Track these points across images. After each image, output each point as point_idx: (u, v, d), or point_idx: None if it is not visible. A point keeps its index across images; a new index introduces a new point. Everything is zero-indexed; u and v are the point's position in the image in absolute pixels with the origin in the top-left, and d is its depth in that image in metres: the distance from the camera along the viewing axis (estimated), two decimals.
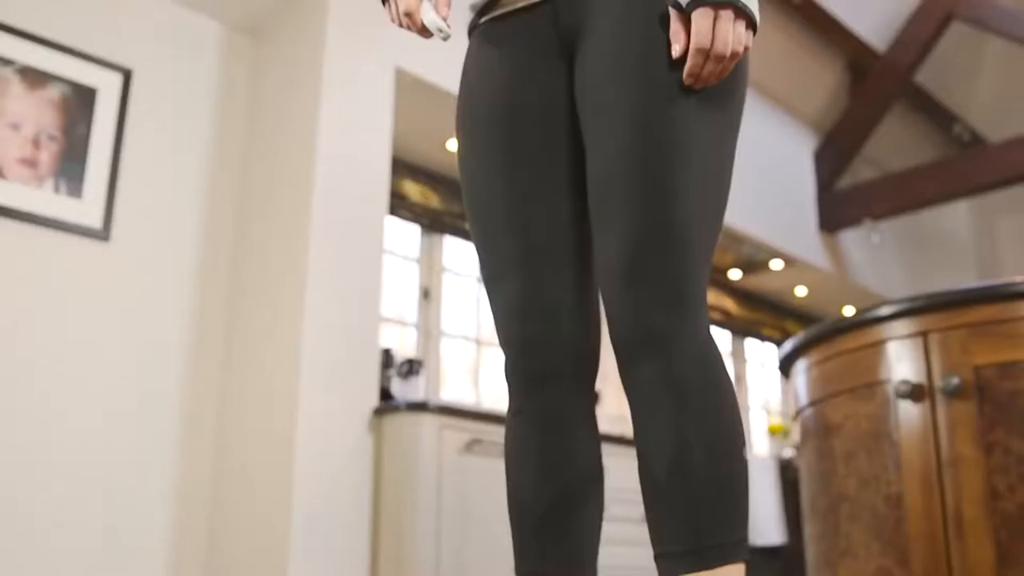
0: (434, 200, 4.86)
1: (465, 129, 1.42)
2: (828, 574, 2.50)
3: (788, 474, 4.82)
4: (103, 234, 3.48)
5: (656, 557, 1.20)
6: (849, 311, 7.12)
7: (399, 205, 4.66)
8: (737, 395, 1.24)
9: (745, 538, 1.18)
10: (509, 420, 1.40)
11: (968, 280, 7.45)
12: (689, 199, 1.23)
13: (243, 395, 3.53)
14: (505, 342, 1.38)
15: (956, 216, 8.06)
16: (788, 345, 2.77)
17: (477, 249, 1.41)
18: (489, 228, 1.37)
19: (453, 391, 4.80)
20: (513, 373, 1.37)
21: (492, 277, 1.38)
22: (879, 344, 2.43)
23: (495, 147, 1.37)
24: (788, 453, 5.09)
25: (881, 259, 7.09)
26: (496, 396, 4.96)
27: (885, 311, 2.44)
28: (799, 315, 7.19)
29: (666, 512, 1.18)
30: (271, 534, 3.25)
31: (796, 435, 4.60)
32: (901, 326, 2.40)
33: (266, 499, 3.31)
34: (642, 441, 1.21)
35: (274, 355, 3.45)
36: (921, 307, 2.37)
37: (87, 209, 3.49)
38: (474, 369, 4.93)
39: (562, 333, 1.33)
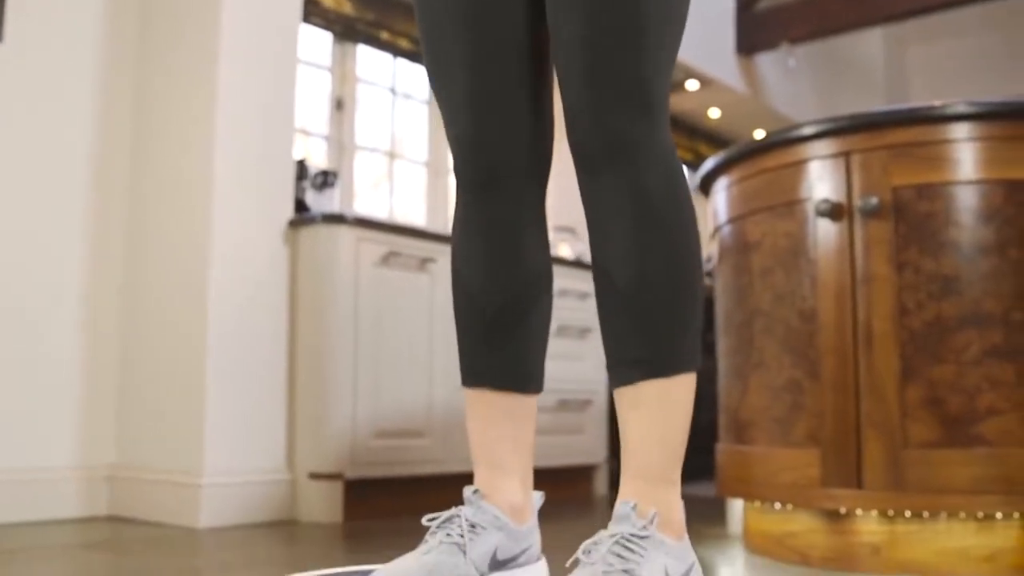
0: (347, 6, 4.67)
1: None
2: (739, 385, 2.59)
3: None
4: None
5: (610, 367, 1.20)
6: (760, 135, 7.19)
7: (311, 12, 4.47)
8: None
9: (699, 349, 1.20)
10: (458, 220, 1.38)
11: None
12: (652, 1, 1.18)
13: (155, 207, 3.42)
14: (455, 139, 1.33)
15: (870, 44, 8.09)
16: (710, 163, 2.78)
17: (424, 44, 1.34)
18: (438, 23, 1.30)
19: (366, 204, 4.74)
20: (463, 171, 1.34)
21: (441, 73, 1.32)
22: (801, 163, 2.45)
23: None
24: None
25: (795, 84, 7.11)
26: (408, 210, 4.92)
27: (809, 130, 2.45)
28: (711, 137, 7.23)
29: (624, 321, 1.18)
30: (187, 348, 3.22)
31: (710, 254, 4.68)
32: (824, 146, 2.42)
33: (181, 313, 3.26)
34: (601, 250, 1.20)
35: (186, 166, 3.33)
36: (844, 127, 2.39)
37: None
38: (387, 182, 4.86)
39: (516, 130, 1.29)
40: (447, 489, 3.59)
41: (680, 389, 1.17)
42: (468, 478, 3.59)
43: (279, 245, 3.40)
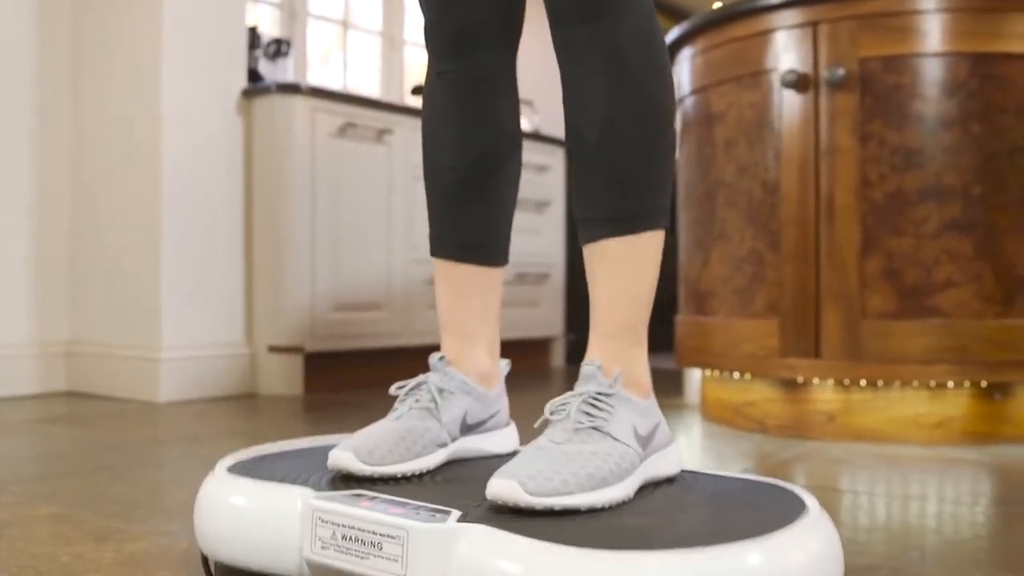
0: None
1: None
2: (701, 257, 2.60)
3: None
4: None
5: (580, 222, 1.19)
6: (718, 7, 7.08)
7: None
8: None
9: (668, 208, 1.18)
10: (428, 85, 1.34)
11: None
12: None
13: (102, 78, 3.30)
14: (427, 2, 1.30)
15: None
16: (674, 32, 2.74)
17: None
18: None
19: (318, 76, 4.62)
20: (433, 35, 1.30)
21: None
22: (768, 33, 2.42)
23: None
24: None
25: None
26: (362, 82, 4.82)
27: None
28: (669, 9, 7.12)
29: (593, 177, 1.16)
30: (140, 221, 3.16)
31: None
32: (791, 15, 2.39)
33: (133, 186, 3.19)
34: (574, 105, 1.17)
35: (133, 35, 3.21)
36: None
37: None
38: (340, 53, 4.73)
39: None
40: (405, 362, 3.61)
41: (648, 247, 1.16)
42: (426, 351, 3.62)
43: (233, 116, 3.31)
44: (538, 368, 4.39)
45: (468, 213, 1.32)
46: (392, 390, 1.27)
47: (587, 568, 0.81)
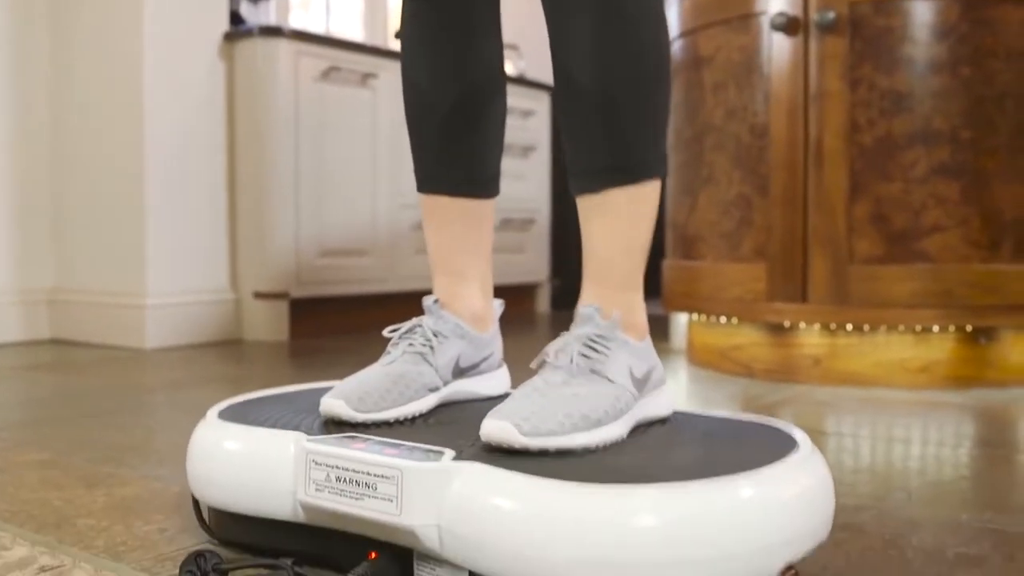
0: None
1: None
2: (688, 201, 2.59)
3: None
4: None
5: (574, 173, 1.16)
6: None
7: None
8: None
9: (665, 154, 1.16)
10: (405, 23, 1.31)
11: None
12: None
13: (83, 25, 3.24)
14: None
15: None
16: None
17: None
18: None
19: (299, 19, 4.56)
20: None
21: None
22: None
23: None
24: None
25: None
26: (344, 26, 4.75)
27: None
28: None
29: (588, 124, 1.12)
30: (123, 168, 3.12)
31: None
32: None
33: (115, 132, 3.14)
34: (562, 49, 1.13)
35: None
36: None
37: None
38: None
39: None
40: (391, 307, 3.61)
41: (647, 196, 1.14)
42: (412, 296, 3.62)
43: (215, 59, 3.27)
44: (524, 313, 4.39)
45: (454, 149, 1.29)
46: (385, 333, 1.26)
47: (582, 502, 0.81)
